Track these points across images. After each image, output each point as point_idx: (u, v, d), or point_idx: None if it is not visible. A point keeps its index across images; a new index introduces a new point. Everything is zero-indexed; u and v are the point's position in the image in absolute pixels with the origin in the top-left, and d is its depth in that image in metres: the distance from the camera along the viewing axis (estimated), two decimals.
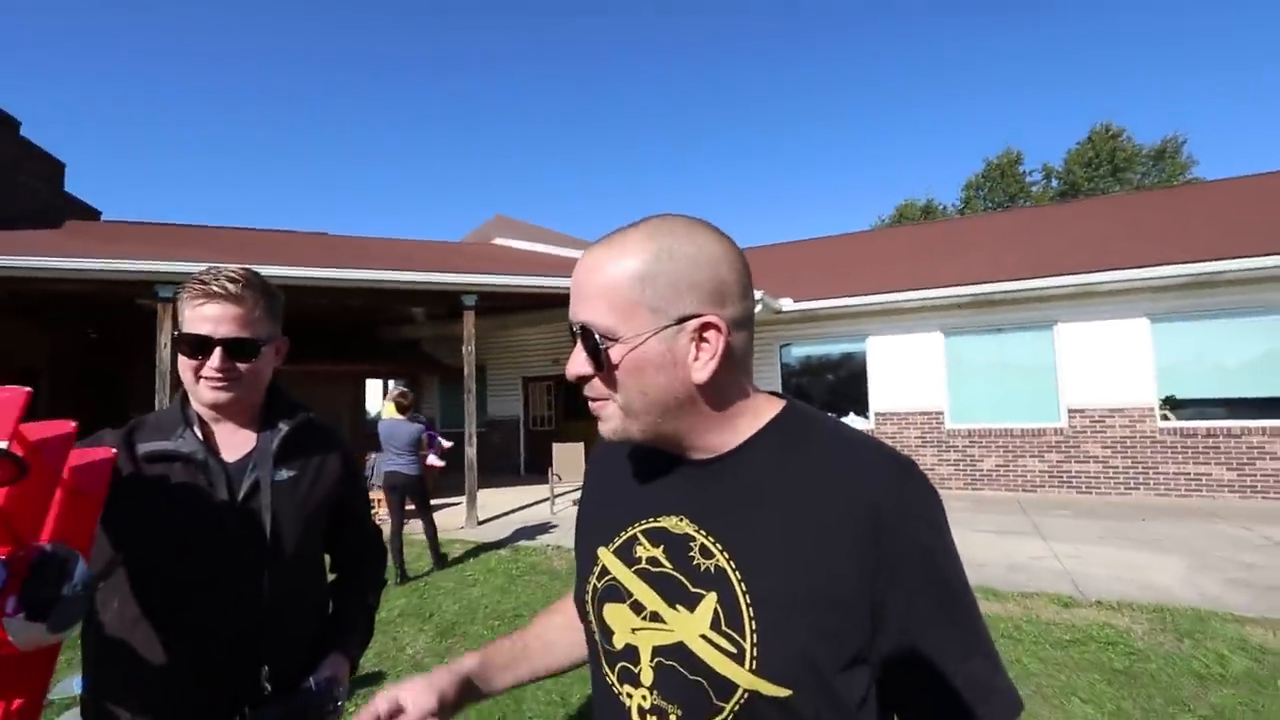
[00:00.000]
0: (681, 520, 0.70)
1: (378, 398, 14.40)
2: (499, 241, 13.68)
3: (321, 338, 11.93)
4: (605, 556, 0.75)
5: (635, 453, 0.80)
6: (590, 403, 0.71)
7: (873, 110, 72.17)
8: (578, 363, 0.69)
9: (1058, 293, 8.23)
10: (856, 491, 0.63)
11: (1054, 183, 32.12)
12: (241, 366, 1.14)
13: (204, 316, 1.11)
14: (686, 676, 0.65)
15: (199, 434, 1.16)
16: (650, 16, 77.38)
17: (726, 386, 0.70)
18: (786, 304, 9.51)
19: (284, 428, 1.22)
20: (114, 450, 1.06)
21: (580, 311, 0.68)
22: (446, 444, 8.10)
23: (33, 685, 0.81)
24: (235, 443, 1.20)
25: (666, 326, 0.65)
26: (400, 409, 5.90)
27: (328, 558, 1.38)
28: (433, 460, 7.24)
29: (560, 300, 8.05)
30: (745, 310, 0.70)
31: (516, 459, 13.00)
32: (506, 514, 8.27)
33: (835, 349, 10.23)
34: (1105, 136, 30.18)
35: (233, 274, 1.15)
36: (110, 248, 8.15)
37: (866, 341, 9.78)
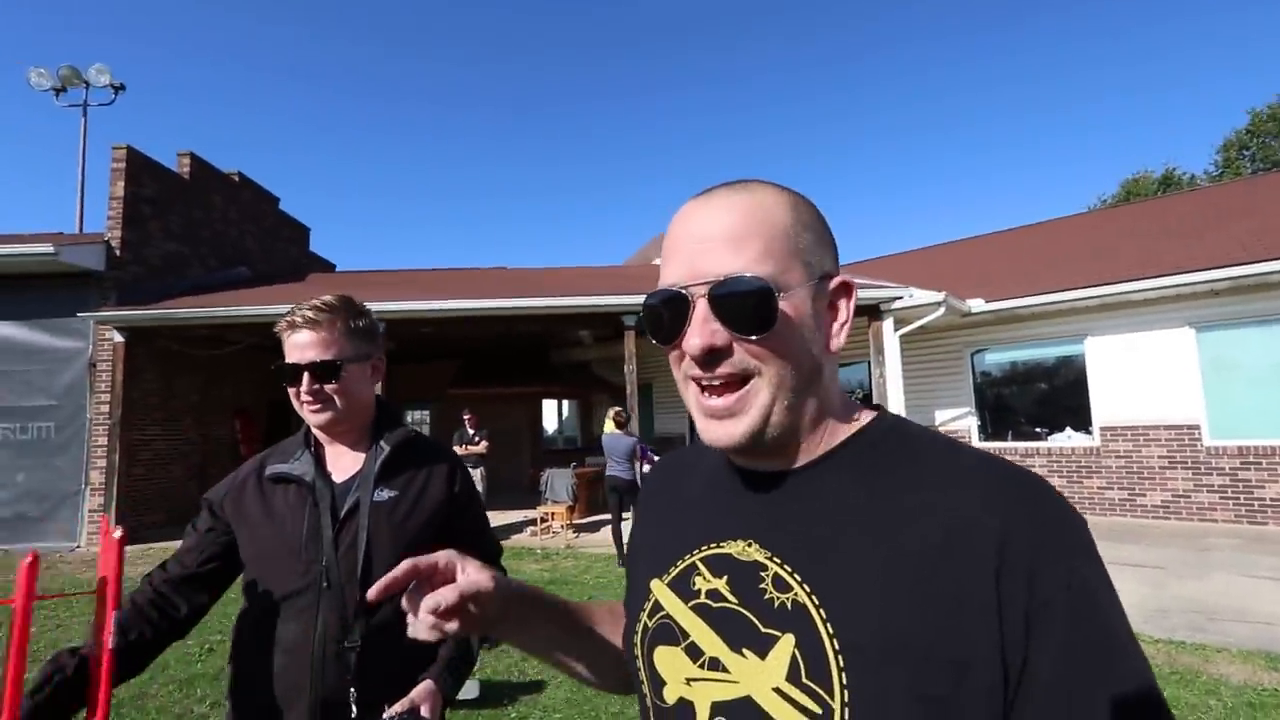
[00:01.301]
0: (750, 545, 0.58)
1: (553, 417, 15.39)
2: (658, 262, 13.94)
3: (500, 363, 13.08)
4: (658, 590, 0.63)
5: (696, 468, 0.70)
6: (719, 391, 0.56)
7: (1096, 70, 62.09)
8: (708, 330, 0.54)
9: None
10: (976, 516, 0.49)
11: None
12: (329, 388, 1.19)
13: (292, 345, 1.19)
14: None
15: (313, 456, 1.22)
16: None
17: (836, 367, 0.61)
18: (977, 305, 8.38)
19: (386, 448, 1.24)
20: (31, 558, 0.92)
21: (719, 262, 0.54)
22: (656, 456, 8.34)
23: None
24: (345, 464, 1.24)
25: (816, 282, 0.57)
26: (618, 425, 7.02)
27: None
28: (647, 469, 7.69)
29: None
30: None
31: None
32: None
33: (1044, 353, 8.76)
34: None
35: (316, 302, 1.21)
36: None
37: (1084, 343, 8.23)
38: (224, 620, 4.63)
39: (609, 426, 7.13)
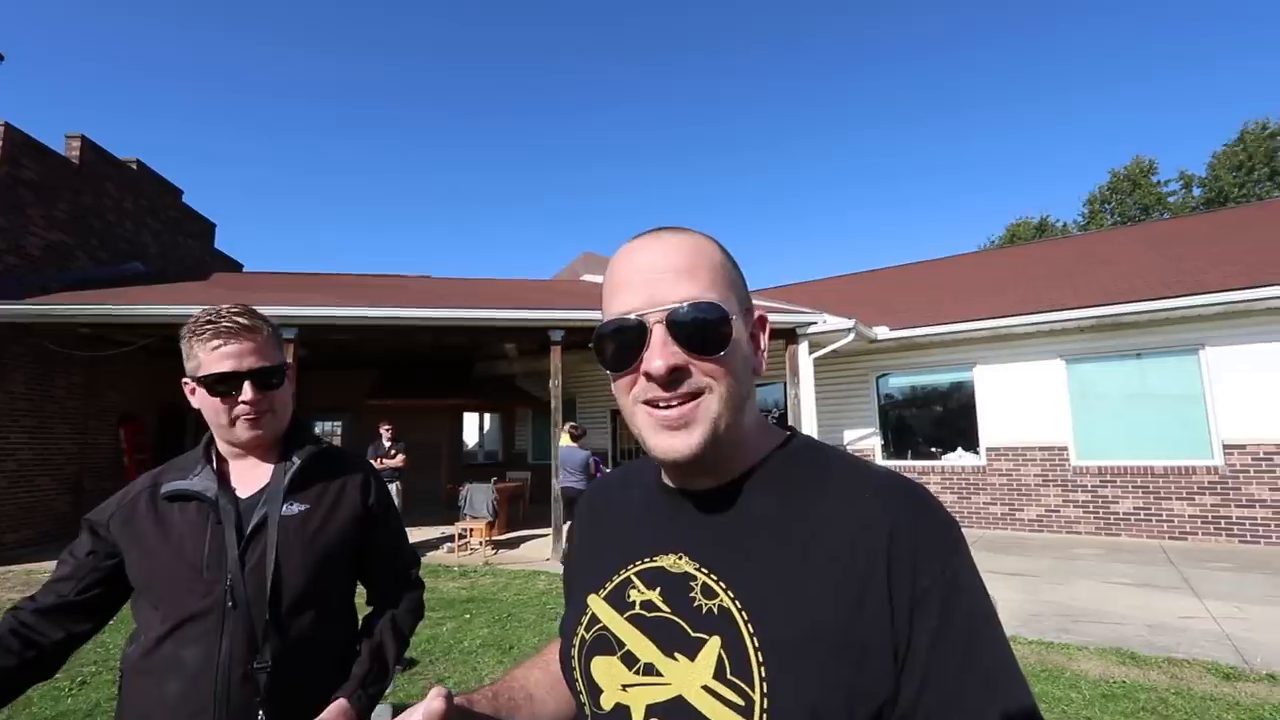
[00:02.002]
0: (680, 558, 0.63)
1: (474, 431, 15.05)
2: (586, 278, 14.05)
3: (422, 374, 12.70)
4: (595, 604, 0.68)
5: (628, 490, 0.76)
6: (673, 406, 0.60)
7: (977, 127, 68.31)
8: (669, 351, 0.59)
9: (1207, 312, 7.21)
10: (872, 521, 0.57)
11: (1196, 191, 28.70)
12: (272, 396, 1.17)
13: (224, 354, 1.12)
14: None
15: (214, 471, 1.17)
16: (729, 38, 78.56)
17: (754, 396, 0.68)
18: (882, 332, 9.02)
19: (296, 461, 1.20)
20: None
21: (672, 288, 0.60)
22: (607, 470, 8.31)
23: None
24: (252, 479, 1.19)
25: (744, 313, 0.66)
26: (574, 438, 7.37)
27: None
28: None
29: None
30: None
31: None
32: None
33: (939, 379, 9.53)
34: (1261, 136, 26.68)
35: (236, 309, 1.17)
36: (243, 296, 9.13)
37: (974, 371, 9.04)
38: (98, 650, 4.25)
39: (564, 440, 7.39)
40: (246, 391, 1.12)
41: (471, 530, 8.25)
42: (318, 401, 11.91)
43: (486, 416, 15.02)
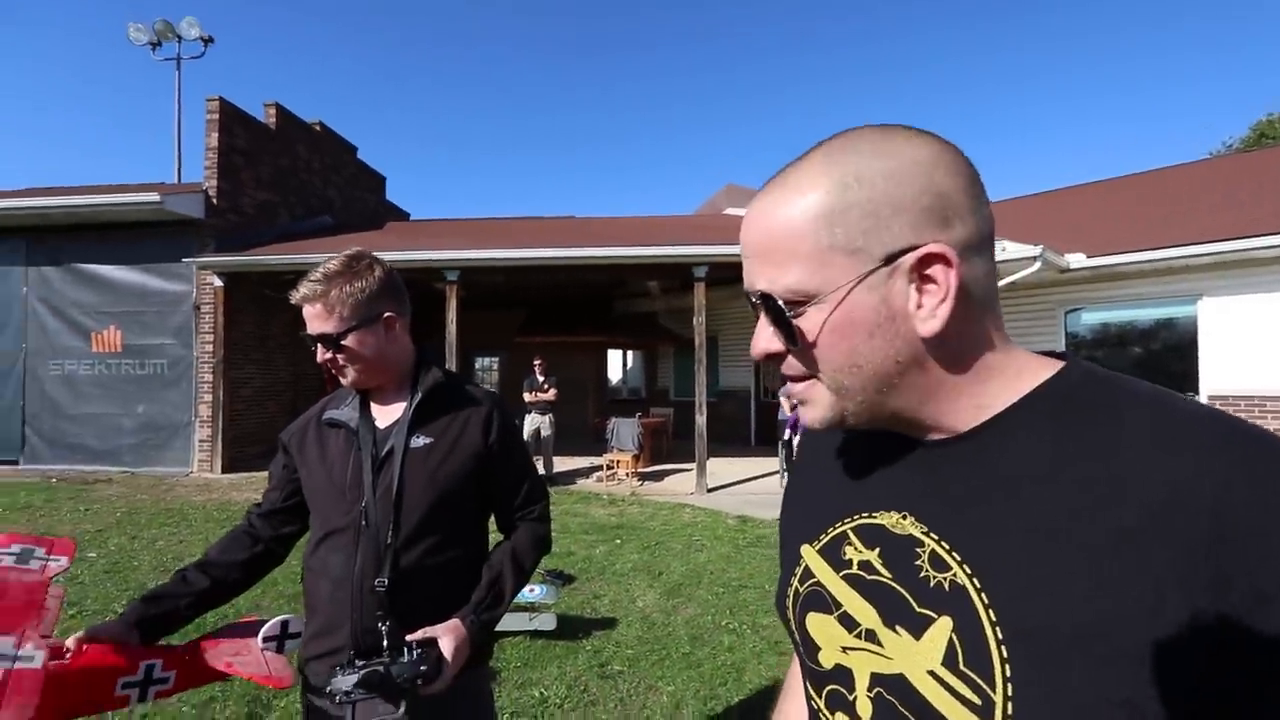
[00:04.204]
0: (905, 518, 0.54)
1: (617, 367, 15.56)
2: (730, 211, 13.59)
3: (565, 312, 13.23)
4: (809, 555, 0.61)
5: (849, 432, 0.64)
6: (790, 385, 0.58)
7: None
8: (764, 338, 0.56)
9: None
10: (1188, 486, 0.41)
11: None
12: (340, 356, 1.22)
13: (304, 318, 1.23)
14: None
15: (359, 403, 1.29)
16: None
17: (968, 337, 0.52)
18: (1076, 260, 7.77)
19: (420, 394, 1.27)
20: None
21: (756, 275, 0.55)
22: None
23: None
24: (389, 411, 1.29)
25: (874, 270, 0.50)
26: None
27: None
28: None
29: None
30: (980, 229, 0.51)
31: (747, 430, 12.97)
32: (735, 484, 8.30)
33: (1147, 314, 8.10)
34: None
35: (318, 273, 1.22)
36: (413, 241, 9.98)
37: (1197, 304, 7.54)
38: None
39: None
40: (319, 353, 1.22)
41: (618, 462, 8.62)
42: (476, 339, 12.93)
43: (629, 354, 15.43)
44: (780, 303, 0.52)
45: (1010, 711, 0.43)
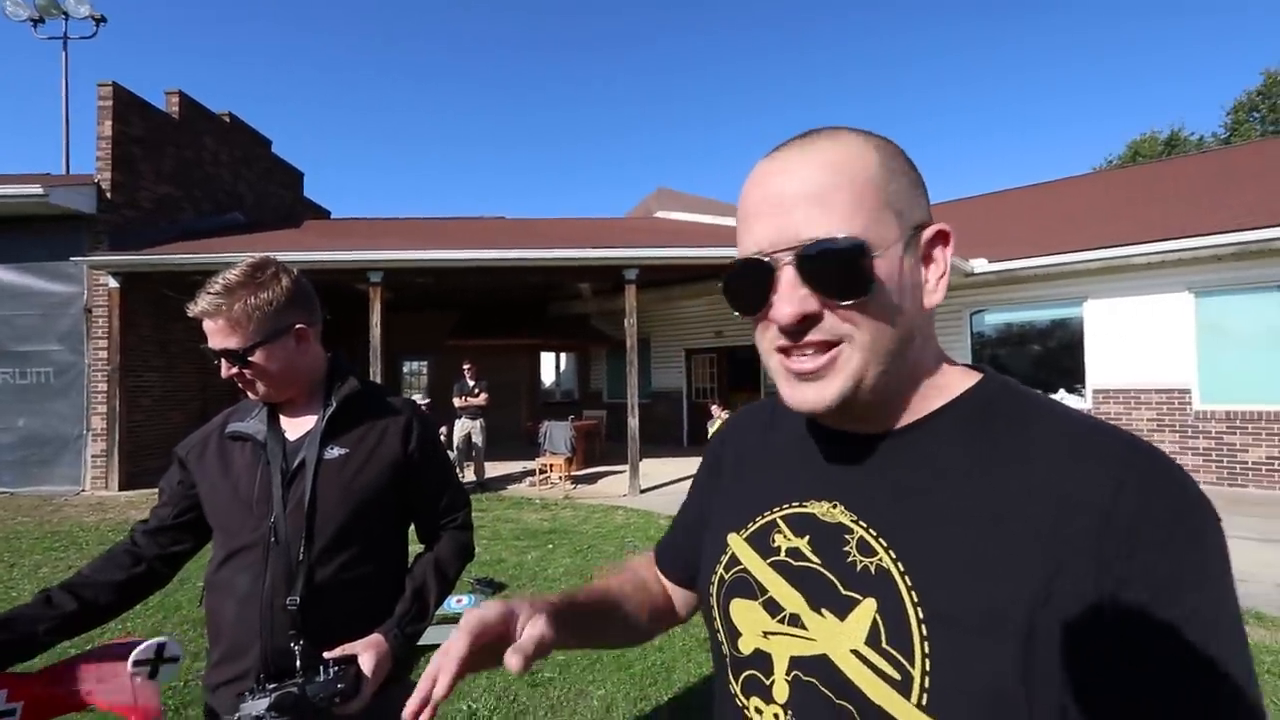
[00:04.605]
0: (835, 507, 0.57)
1: (551, 370, 15.44)
2: (661, 214, 13.74)
3: (498, 315, 13.02)
4: (736, 544, 0.63)
5: (776, 424, 0.69)
6: (808, 356, 0.53)
7: (1108, 27, 60.19)
8: (797, 298, 0.51)
9: None
10: (1084, 491, 0.46)
11: None
12: (248, 372, 1.16)
13: (206, 332, 1.16)
14: (832, 700, 0.51)
15: (267, 414, 1.23)
16: None
17: (931, 329, 0.58)
18: (979, 265, 8.35)
19: (334, 403, 1.23)
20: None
21: (804, 223, 0.51)
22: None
23: None
24: (299, 422, 1.24)
25: (910, 237, 0.54)
26: None
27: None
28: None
29: (722, 271, 7.82)
30: None
31: (679, 431, 13.15)
32: (668, 484, 8.38)
33: (1041, 315, 8.79)
34: None
35: (217, 286, 1.14)
36: (334, 241, 9.54)
37: (1083, 306, 8.26)
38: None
39: None
40: (223, 368, 1.17)
41: (551, 465, 8.56)
42: (405, 342, 12.52)
43: (563, 356, 15.34)
44: (864, 243, 0.50)
45: (927, 685, 0.47)
